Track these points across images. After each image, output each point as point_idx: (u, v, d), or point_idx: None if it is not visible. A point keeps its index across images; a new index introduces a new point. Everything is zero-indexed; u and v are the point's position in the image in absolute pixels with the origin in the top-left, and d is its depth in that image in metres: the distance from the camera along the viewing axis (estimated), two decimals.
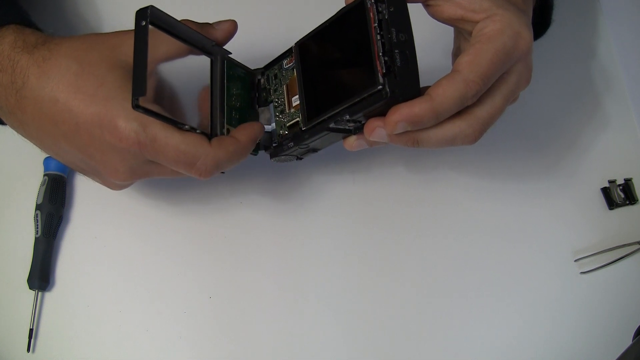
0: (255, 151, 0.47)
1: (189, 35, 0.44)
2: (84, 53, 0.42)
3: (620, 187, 0.55)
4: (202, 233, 0.53)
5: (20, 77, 0.42)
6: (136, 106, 0.38)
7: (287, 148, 0.46)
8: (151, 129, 0.40)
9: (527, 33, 0.41)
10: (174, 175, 0.45)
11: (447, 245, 0.53)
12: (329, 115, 0.42)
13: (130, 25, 0.40)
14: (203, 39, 0.45)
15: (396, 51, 0.40)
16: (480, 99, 0.41)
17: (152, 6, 0.40)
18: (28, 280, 0.51)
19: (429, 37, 0.43)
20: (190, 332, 0.50)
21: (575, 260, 0.52)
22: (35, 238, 0.52)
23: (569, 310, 0.51)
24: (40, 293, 0.51)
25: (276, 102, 0.48)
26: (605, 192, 0.55)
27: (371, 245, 0.53)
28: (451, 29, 0.45)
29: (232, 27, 0.46)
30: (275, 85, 0.48)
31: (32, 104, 0.42)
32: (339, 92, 0.42)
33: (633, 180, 0.55)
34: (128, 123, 0.40)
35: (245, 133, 0.44)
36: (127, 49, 0.42)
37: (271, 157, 0.48)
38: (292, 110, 0.46)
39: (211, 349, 0.50)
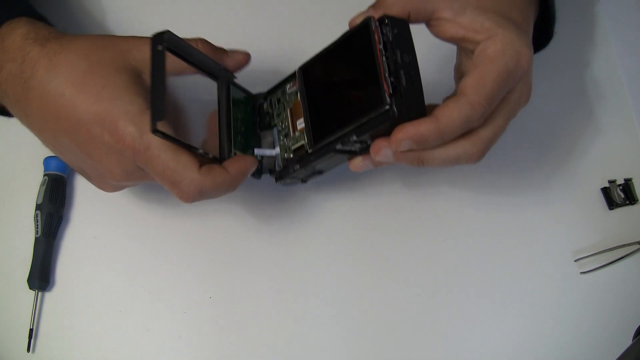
0: (258, 175, 0.48)
1: (200, 59, 0.44)
2: (94, 52, 0.43)
3: (620, 187, 0.55)
4: (202, 233, 0.53)
5: (30, 68, 0.42)
6: (155, 131, 0.39)
7: (293, 171, 0.46)
8: (147, 137, 0.41)
9: (528, 51, 0.42)
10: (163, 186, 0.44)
11: (447, 246, 0.53)
12: (335, 137, 0.42)
13: (134, 22, 0.40)
14: (213, 64, 0.45)
15: (401, 72, 0.40)
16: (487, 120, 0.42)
17: (168, 31, 0.40)
18: (28, 280, 0.51)
19: (424, 52, 0.43)
20: (190, 332, 0.50)
21: (575, 260, 0.52)
22: (35, 238, 0.52)
23: (569, 310, 0.51)
24: (40, 293, 0.51)
25: (280, 126, 0.48)
26: (605, 192, 0.55)
27: (372, 243, 0.53)
28: (447, 45, 0.45)
29: (245, 59, 0.47)
30: (278, 110, 0.49)
31: (38, 95, 0.42)
32: (344, 114, 0.42)
33: (633, 180, 0.55)
34: (127, 126, 0.41)
35: (236, 166, 0.44)
36: (137, 55, 0.43)
37: (276, 180, 0.48)
38: (297, 133, 0.47)
39: (211, 349, 0.50)
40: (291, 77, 0.48)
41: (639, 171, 0.55)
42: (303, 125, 0.46)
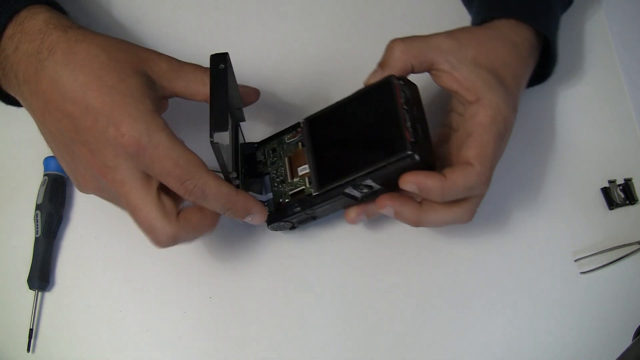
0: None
1: (233, 89, 0.46)
2: (114, 49, 0.44)
3: (620, 187, 0.55)
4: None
5: (48, 49, 0.43)
6: (212, 142, 0.41)
7: (291, 213, 0.48)
8: (157, 136, 0.41)
9: (512, 116, 0.47)
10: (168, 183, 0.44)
11: (447, 246, 0.53)
12: (346, 180, 0.45)
13: (140, 20, 0.40)
14: (239, 97, 0.48)
15: (417, 125, 0.45)
16: None
17: (227, 53, 0.45)
18: (28, 280, 0.51)
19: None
20: (190, 332, 0.50)
21: (575, 260, 0.52)
22: (35, 238, 0.52)
23: (568, 310, 0.51)
24: (40, 293, 0.51)
25: (274, 173, 0.50)
26: (605, 192, 0.55)
27: (372, 244, 0.53)
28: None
29: (256, 96, 0.51)
30: (273, 158, 0.51)
31: (51, 75, 0.43)
32: (356, 160, 0.45)
33: (633, 180, 0.55)
34: (136, 123, 0.41)
35: (246, 196, 0.45)
36: (154, 67, 0.45)
37: (269, 223, 0.49)
38: (297, 179, 0.49)
39: (211, 349, 0.50)
40: (290, 129, 0.51)
41: (639, 171, 0.55)
42: (306, 171, 0.48)
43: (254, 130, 0.56)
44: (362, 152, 0.45)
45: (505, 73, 0.47)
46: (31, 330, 0.50)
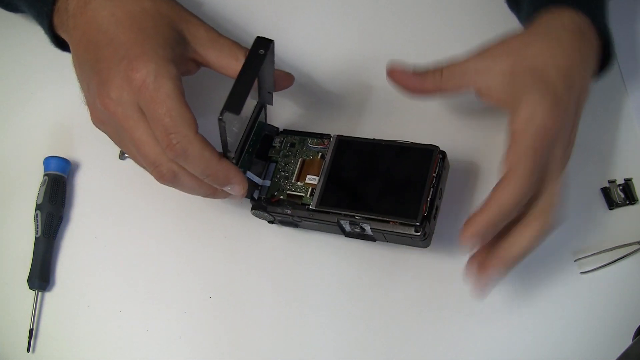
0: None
1: (268, 76, 0.47)
2: (160, 1, 0.46)
3: (620, 187, 0.54)
4: (202, 233, 0.53)
5: None
6: (220, 120, 0.41)
7: (281, 211, 0.49)
8: (162, 80, 0.42)
9: (551, 119, 0.44)
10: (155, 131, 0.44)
11: (446, 245, 0.53)
12: (346, 213, 0.46)
13: None
14: (272, 81, 0.48)
15: (434, 202, 0.46)
16: (539, 190, 0.45)
17: (273, 41, 0.44)
18: (28, 280, 0.51)
19: None
20: (190, 332, 0.50)
21: (575, 260, 0.52)
22: (35, 238, 0.52)
23: (569, 310, 0.51)
24: (40, 293, 0.51)
25: (281, 165, 0.50)
26: (605, 192, 0.54)
27: (373, 253, 0.53)
28: None
29: (290, 82, 0.51)
30: (288, 152, 0.51)
31: (95, 9, 0.46)
32: (366, 199, 0.47)
33: (633, 180, 0.55)
34: (148, 63, 0.43)
35: (229, 166, 0.45)
36: (193, 30, 0.47)
37: (253, 208, 0.50)
38: (300, 184, 0.49)
39: (211, 349, 0.50)
40: (319, 135, 0.51)
41: (639, 171, 0.55)
42: (313, 182, 0.49)
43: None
44: (375, 197, 0.47)
45: (550, 70, 0.46)
46: (31, 330, 0.50)
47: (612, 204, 0.54)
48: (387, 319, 0.51)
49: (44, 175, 0.54)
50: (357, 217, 0.46)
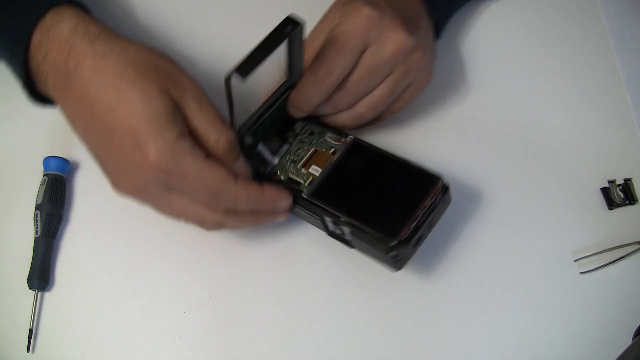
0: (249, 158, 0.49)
1: (297, 59, 0.47)
2: (142, 65, 0.43)
3: (620, 187, 0.55)
4: (202, 233, 0.53)
5: (74, 62, 0.43)
6: (227, 80, 0.41)
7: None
8: (183, 162, 0.42)
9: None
10: (175, 213, 0.46)
11: (446, 245, 0.53)
12: (333, 211, 0.46)
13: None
14: (300, 68, 0.48)
15: (420, 229, 0.45)
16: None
17: (302, 26, 0.44)
18: (28, 280, 0.51)
19: None
20: (190, 332, 0.50)
21: (575, 260, 0.52)
22: (35, 238, 0.52)
23: (568, 310, 0.51)
24: (40, 293, 0.51)
25: (293, 150, 0.51)
26: (605, 192, 0.55)
27: None
28: None
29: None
30: (304, 138, 0.51)
31: (78, 90, 0.43)
32: (355, 203, 0.47)
33: (633, 180, 0.55)
34: (163, 153, 0.41)
35: (273, 189, 0.46)
36: (178, 82, 0.43)
37: (255, 178, 0.50)
38: (304, 171, 0.50)
39: (211, 349, 0.50)
40: (338, 132, 0.51)
41: (638, 171, 0.55)
42: (315, 173, 0.49)
43: None
44: (366, 205, 0.46)
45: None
46: (31, 330, 0.50)
47: (612, 204, 0.54)
48: (387, 318, 0.51)
49: (44, 175, 0.53)
50: (342, 219, 0.46)
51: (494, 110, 0.59)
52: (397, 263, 0.45)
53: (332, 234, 0.49)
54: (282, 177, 0.50)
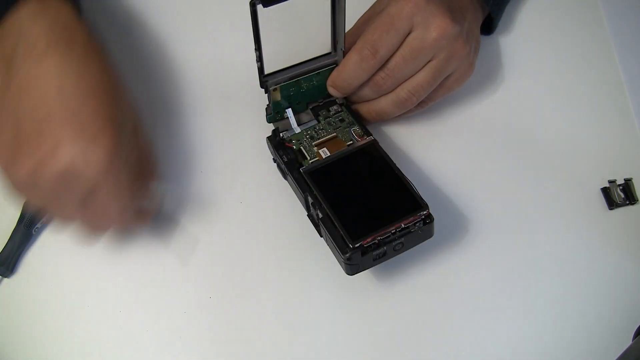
0: (269, 118, 0.53)
1: (340, 23, 0.49)
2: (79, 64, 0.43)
3: (620, 187, 0.55)
4: (202, 232, 0.53)
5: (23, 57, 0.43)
6: (252, 4, 0.43)
7: (282, 154, 0.52)
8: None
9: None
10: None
11: (445, 244, 0.53)
12: (317, 195, 0.48)
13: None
14: (343, 36, 0.50)
15: (385, 248, 0.45)
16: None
17: None
18: None
19: None
20: (190, 332, 0.50)
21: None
22: (15, 228, 0.52)
23: (568, 310, 0.51)
24: (28, 290, 0.50)
25: (318, 127, 0.54)
26: (605, 192, 0.55)
27: None
28: None
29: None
30: (332, 120, 0.54)
31: (22, 78, 0.43)
32: (337, 196, 0.48)
33: (633, 180, 0.55)
34: (72, 147, 0.41)
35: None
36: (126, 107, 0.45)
37: (269, 121, 0.54)
38: (315, 149, 0.52)
39: (211, 349, 0.50)
40: (365, 129, 0.53)
41: (639, 171, 0.55)
42: (323, 156, 0.51)
43: None
44: (347, 200, 0.48)
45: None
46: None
47: (612, 204, 0.54)
48: (388, 319, 0.51)
49: None
50: (320, 205, 0.47)
51: (493, 110, 0.59)
52: (349, 267, 0.46)
53: (309, 216, 0.50)
54: (294, 147, 0.52)
